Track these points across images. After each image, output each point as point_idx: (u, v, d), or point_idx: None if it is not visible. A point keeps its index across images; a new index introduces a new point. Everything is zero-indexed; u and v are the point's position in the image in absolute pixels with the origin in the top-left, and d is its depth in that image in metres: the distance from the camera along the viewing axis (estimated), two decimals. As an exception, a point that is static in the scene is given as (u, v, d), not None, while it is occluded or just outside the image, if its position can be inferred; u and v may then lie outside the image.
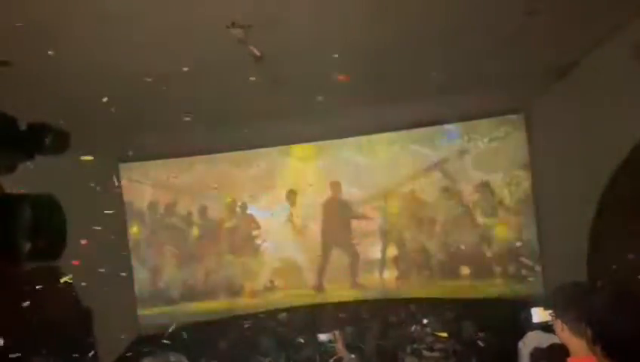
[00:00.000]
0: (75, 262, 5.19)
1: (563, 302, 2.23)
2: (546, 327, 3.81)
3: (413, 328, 4.10)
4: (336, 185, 8.88)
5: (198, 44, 4.17)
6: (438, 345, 1.67)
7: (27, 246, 0.73)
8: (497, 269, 8.18)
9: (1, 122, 0.68)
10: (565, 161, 6.60)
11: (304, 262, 9.06)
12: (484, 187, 8.28)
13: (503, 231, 8.14)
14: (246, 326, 8.00)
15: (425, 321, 5.10)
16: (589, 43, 5.30)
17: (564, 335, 2.17)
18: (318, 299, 8.76)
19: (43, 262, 0.76)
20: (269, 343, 7.47)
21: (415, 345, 1.58)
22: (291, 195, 8.98)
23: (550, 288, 7.52)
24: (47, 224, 0.75)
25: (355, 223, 8.89)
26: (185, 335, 7.36)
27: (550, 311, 2.33)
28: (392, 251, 8.85)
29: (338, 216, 8.87)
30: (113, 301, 7.50)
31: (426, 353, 1.61)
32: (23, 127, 0.71)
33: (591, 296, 1.57)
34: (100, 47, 4.04)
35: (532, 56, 5.49)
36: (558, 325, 2.21)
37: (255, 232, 9.09)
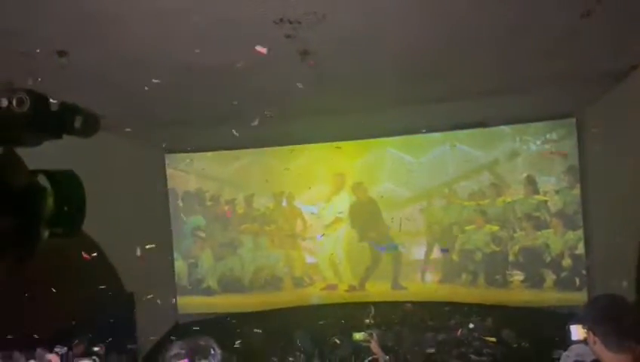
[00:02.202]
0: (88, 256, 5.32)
1: (596, 314, 2.15)
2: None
3: (459, 332, 4.01)
4: (377, 184, 8.78)
5: (247, 38, 4.18)
6: (486, 350, 1.63)
7: (49, 224, 0.73)
8: (544, 277, 7.88)
9: (33, 101, 0.68)
10: (616, 169, 6.33)
11: (346, 259, 9.01)
12: (534, 191, 7.99)
13: (552, 238, 7.86)
14: (283, 319, 8.05)
15: (471, 326, 5.01)
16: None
17: (597, 348, 2.09)
18: (358, 297, 8.69)
19: (61, 238, 0.77)
20: (305, 338, 7.49)
21: (462, 349, 1.54)
22: (336, 191, 8.95)
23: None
24: (69, 200, 0.75)
25: (398, 223, 8.79)
26: (221, 325, 7.49)
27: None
28: (436, 254, 8.73)
29: (381, 214, 8.79)
30: (154, 288, 7.67)
31: (473, 357, 1.57)
32: (55, 107, 0.72)
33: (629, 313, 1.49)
34: (153, 40, 4.10)
35: (588, 60, 5.27)
36: (591, 338, 2.13)
37: (299, 226, 9.12)
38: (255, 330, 6.95)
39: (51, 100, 0.75)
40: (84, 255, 5.13)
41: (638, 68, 5.56)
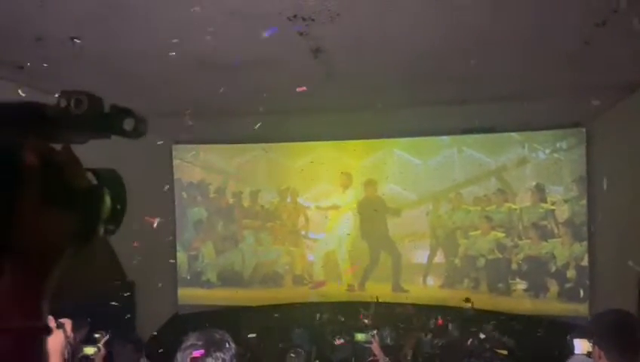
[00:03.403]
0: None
1: (602, 329, 2.13)
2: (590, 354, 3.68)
3: (469, 341, 3.99)
4: (383, 185, 8.74)
5: (260, 33, 4.16)
6: None
7: (105, 222, 0.77)
8: (548, 287, 7.82)
9: (91, 102, 0.71)
10: (624, 181, 6.27)
11: (348, 259, 8.99)
12: (542, 200, 7.92)
13: (558, 248, 7.79)
14: (281, 316, 8.05)
15: (482, 336, 4.98)
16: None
17: None
18: (358, 297, 8.67)
19: (109, 235, 0.80)
20: (303, 335, 7.48)
21: (473, 360, 1.53)
22: (340, 190, 8.92)
23: (596, 311, 7.24)
24: (118, 198, 0.79)
25: (401, 224, 8.75)
26: (221, 317, 7.48)
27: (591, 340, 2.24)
28: (439, 258, 8.69)
29: (385, 216, 8.74)
30: (155, 278, 7.69)
31: None
32: (107, 109, 0.74)
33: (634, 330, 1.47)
34: (164, 31, 4.08)
35: (600, 70, 5.21)
36: (596, 352, 2.11)
37: (301, 224, 9.10)
38: (249, 335, 6.91)
39: (106, 103, 0.78)
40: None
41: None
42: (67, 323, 1.74)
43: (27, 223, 0.65)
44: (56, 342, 1.68)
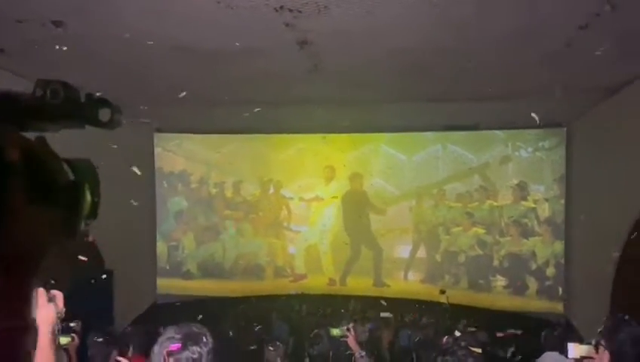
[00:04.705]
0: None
1: (613, 335, 2.11)
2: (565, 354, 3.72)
3: (444, 339, 4.00)
4: (367, 179, 8.75)
5: (246, 23, 4.10)
6: (470, 360, 1.61)
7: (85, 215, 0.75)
8: (527, 284, 7.90)
9: (67, 92, 0.68)
10: (601, 180, 6.34)
11: (330, 253, 8.99)
12: (523, 198, 7.98)
13: (538, 246, 7.86)
14: (262, 307, 8.02)
15: (457, 334, 4.99)
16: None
17: None
18: (338, 291, 8.68)
19: (85, 229, 0.77)
20: (281, 328, 7.47)
21: (447, 357, 1.52)
22: (323, 183, 8.90)
23: (571, 307, 7.33)
24: (95, 191, 0.76)
25: (384, 219, 8.77)
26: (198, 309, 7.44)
27: (590, 344, 2.22)
28: (421, 253, 8.72)
29: (367, 210, 8.74)
30: (134, 268, 7.62)
31: None
32: (84, 99, 0.72)
33: (617, 330, 1.47)
34: (149, 19, 4.00)
35: (582, 72, 5.25)
36: (601, 358, 2.09)
37: (284, 216, 9.07)
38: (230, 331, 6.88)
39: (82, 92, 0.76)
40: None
41: (631, 83, 5.53)
42: (58, 296, 1.69)
43: (12, 223, 0.62)
44: (47, 316, 1.64)
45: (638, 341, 1.40)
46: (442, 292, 7.52)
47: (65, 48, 4.36)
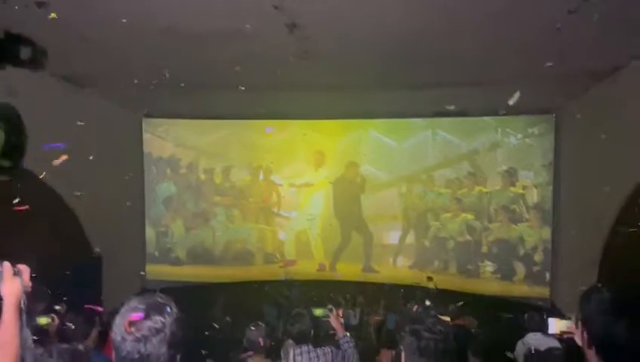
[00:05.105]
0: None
1: (587, 308, 2.10)
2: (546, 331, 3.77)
3: (415, 308, 4.02)
4: (356, 165, 8.74)
5: (234, 6, 4.05)
6: (438, 328, 1.60)
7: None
8: (515, 270, 7.93)
9: None
10: (590, 167, 6.36)
11: (320, 238, 8.99)
12: (512, 184, 8.00)
13: (527, 232, 7.89)
14: (251, 293, 8.02)
15: (428, 303, 5.03)
16: (637, 50, 5.03)
17: (585, 344, 2.05)
18: (328, 276, 8.69)
19: (7, 172, 0.73)
20: (270, 312, 7.49)
21: (416, 326, 1.52)
22: (314, 169, 8.88)
23: (557, 291, 7.38)
24: (16, 133, 0.71)
25: (374, 205, 8.78)
26: (187, 295, 7.41)
27: (568, 321, 2.22)
28: (410, 239, 8.74)
29: (357, 197, 8.75)
30: (123, 254, 7.57)
31: (425, 334, 1.55)
32: (1, 35, 0.66)
33: (588, 299, 1.46)
34: (136, 2, 3.96)
35: (571, 57, 5.23)
36: (579, 333, 2.09)
37: (274, 202, 9.04)
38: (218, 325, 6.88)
39: None
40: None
41: (619, 69, 5.54)
42: (24, 270, 1.67)
43: None
44: (12, 289, 1.62)
45: (605, 307, 1.40)
46: (430, 278, 7.55)
47: (50, 34, 4.30)
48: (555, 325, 3.08)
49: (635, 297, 1.46)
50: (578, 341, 2.06)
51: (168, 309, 1.48)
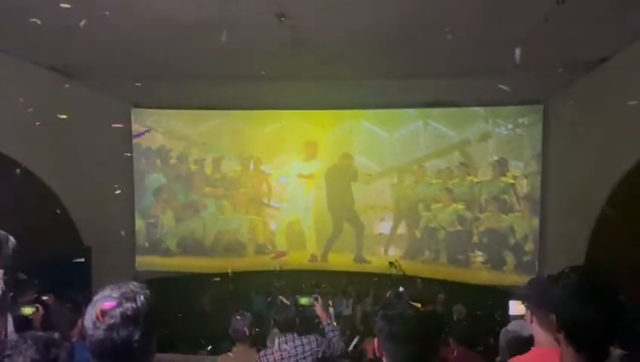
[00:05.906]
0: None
1: (534, 294, 2.16)
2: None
3: (388, 294, 4.03)
4: (349, 157, 8.72)
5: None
6: (409, 313, 1.62)
7: None
8: (506, 259, 7.96)
9: None
10: (577, 157, 6.37)
11: (312, 229, 8.99)
12: (503, 174, 7.99)
13: (517, 222, 7.91)
14: (240, 284, 8.04)
15: (401, 289, 5.05)
16: (626, 40, 5.03)
17: (534, 326, 2.12)
18: (320, 266, 8.71)
19: None
20: (261, 303, 7.50)
21: (387, 311, 1.53)
22: (304, 160, 8.86)
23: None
24: None
25: (365, 196, 8.78)
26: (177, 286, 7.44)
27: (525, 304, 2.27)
28: (402, 229, 8.75)
29: (349, 187, 8.74)
30: (113, 245, 7.55)
31: (395, 319, 1.57)
32: None
33: (557, 283, 1.48)
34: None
35: (559, 48, 5.23)
36: (529, 316, 2.16)
37: (264, 192, 9.02)
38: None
39: None
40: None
41: (607, 60, 5.54)
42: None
43: None
44: None
45: (573, 290, 1.42)
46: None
47: (39, 22, 4.26)
48: (516, 307, 3.20)
49: (601, 280, 1.47)
50: (528, 322, 2.13)
51: (142, 297, 1.46)
